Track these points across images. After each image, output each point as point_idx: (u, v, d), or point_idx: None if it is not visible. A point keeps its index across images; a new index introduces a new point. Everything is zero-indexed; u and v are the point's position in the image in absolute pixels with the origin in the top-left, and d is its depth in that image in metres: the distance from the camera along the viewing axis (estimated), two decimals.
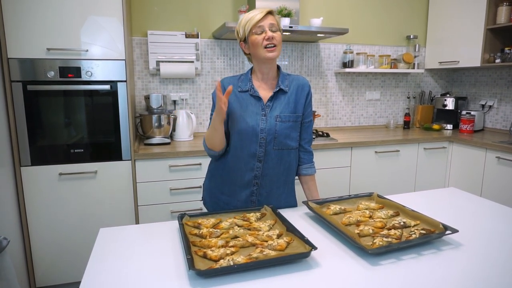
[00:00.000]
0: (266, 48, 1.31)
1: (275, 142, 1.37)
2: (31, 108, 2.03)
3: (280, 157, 1.40)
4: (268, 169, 1.40)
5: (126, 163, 2.22)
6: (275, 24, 1.32)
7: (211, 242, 1.03)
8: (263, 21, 1.30)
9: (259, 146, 1.37)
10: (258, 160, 1.38)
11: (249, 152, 1.37)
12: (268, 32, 1.30)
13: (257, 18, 1.29)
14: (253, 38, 1.31)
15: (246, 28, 1.31)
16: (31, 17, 1.95)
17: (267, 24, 1.30)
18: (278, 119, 1.37)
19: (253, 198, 1.43)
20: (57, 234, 2.17)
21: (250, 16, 1.31)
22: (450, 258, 0.99)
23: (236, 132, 1.37)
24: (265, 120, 1.36)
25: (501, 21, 2.81)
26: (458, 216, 1.31)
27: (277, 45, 1.31)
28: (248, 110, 1.37)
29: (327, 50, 3.20)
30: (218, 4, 2.86)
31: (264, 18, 1.30)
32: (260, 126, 1.35)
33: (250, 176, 1.40)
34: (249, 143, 1.36)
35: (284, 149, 1.40)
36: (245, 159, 1.38)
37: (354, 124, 3.43)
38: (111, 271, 0.93)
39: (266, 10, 1.31)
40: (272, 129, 1.36)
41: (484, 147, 2.65)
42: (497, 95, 3.24)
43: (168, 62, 2.68)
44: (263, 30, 1.30)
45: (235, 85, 1.40)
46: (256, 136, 1.36)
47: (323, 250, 1.03)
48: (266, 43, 1.30)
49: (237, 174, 1.41)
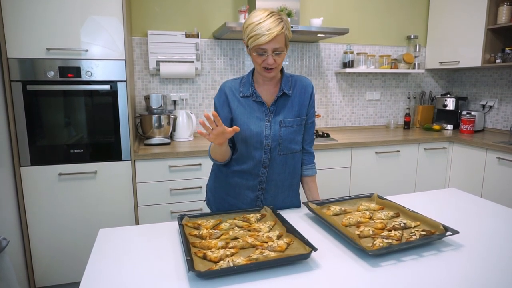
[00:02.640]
0: (264, 68, 1.27)
1: (280, 147, 1.36)
2: (31, 108, 2.03)
3: (285, 162, 1.39)
4: (273, 175, 1.39)
5: (126, 164, 2.22)
6: (280, 47, 1.23)
7: (211, 243, 1.03)
8: (267, 45, 1.21)
9: (264, 152, 1.35)
10: (263, 166, 1.37)
11: (254, 159, 1.36)
12: (269, 58, 1.23)
13: (260, 41, 1.19)
14: (254, 56, 1.27)
15: (250, 42, 1.23)
16: (31, 17, 1.95)
17: (271, 48, 1.22)
18: (282, 124, 1.35)
19: (258, 202, 1.42)
20: (57, 234, 2.16)
21: (257, 32, 1.19)
22: (451, 259, 0.99)
23: (241, 139, 1.36)
24: (269, 126, 1.34)
25: (501, 21, 2.81)
26: (459, 217, 1.31)
27: (276, 67, 1.27)
28: (252, 116, 1.34)
29: (327, 50, 3.20)
30: (218, 4, 2.85)
31: (270, 42, 1.20)
32: (265, 133, 1.33)
33: (255, 182, 1.39)
34: (254, 150, 1.34)
35: (289, 154, 1.39)
36: (250, 166, 1.37)
37: (354, 125, 3.43)
38: (111, 271, 0.93)
39: (274, 34, 1.19)
40: (276, 135, 1.34)
41: (484, 148, 2.65)
42: (498, 95, 3.24)
43: (168, 62, 2.68)
44: (265, 53, 1.23)
45: (236, 90, 1.37)
46: (260, 143, 1.34)
47: (323, 251, 1.03)
48: (265, 67, 1.26)
49: (242, 179, 1.40)
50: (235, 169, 1.40)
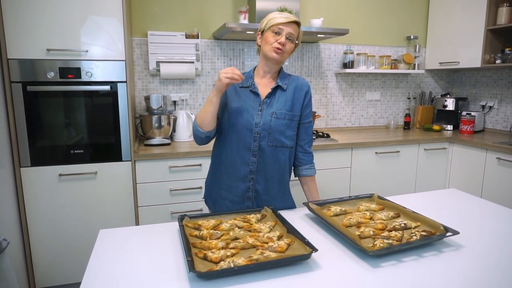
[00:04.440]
0: (274, 48, 1.34)
1: (269, 138, 1.40)
2: (31, 109, 2.03)
3: (275, 155, 1.42)
4: (263, 164, 1.42)
5: (126, 164, 2.22)
6: (294, 35, 1.36)
7: (211, 243, 1.03)
8: (285, 26, 1.33)
9: (254, 140, 1.39)
10: (253, 154, 1.40)
11: (244, 146, 1.40)
12: (282, 37, 1.33)
13: (281, 20, 1.33)
14: (268, 35, 1.36)
15: (269, 23, 1.35)
16: (31, 17, 1.95)
17: (286, 31, 1.34)
18: (273, 115, 1.39)
19: (250, 194, 1.44)
20: (57, 235, 2.16)
21: (278, 15, 1.35)
22: (451, 260, 0.99)
23: (232, 124, 1.40)
24: (260, 116, 1.39)
25: (501, 21, 2.81)
26: (459, 218, 1.31)
27: (284, 52, 1.36)
28: (246, 104, 1.40)
29: (327, 51, 3.20)
30: (218, 4, 2.85)
31: (288, 25, 1.34)
32: (255, 121, 1.38)
33: (246, 171, 1.42)
34: (243, 137, 1.39)
35: (279, 147, 1.42)
36: (241, 153, 1.41)
37: (354, 125, 3.43)
38: (111, 272, 0.93)
39: (293, 19, 1.35)
40: (266, 124, 1.39)
41: (484, 148, 2.65)
42: (497, 96, 3.24)
43: (168, 62, 2.68)
44: (280, 33, 1.34)
45: None
46: (250, 130, 1.38)
47: (324, 252, 1.03)
48: (276, 46, 1.34)
49: (234, 167, 1.43)
50: (227, 156, 1.43)
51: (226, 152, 1.44)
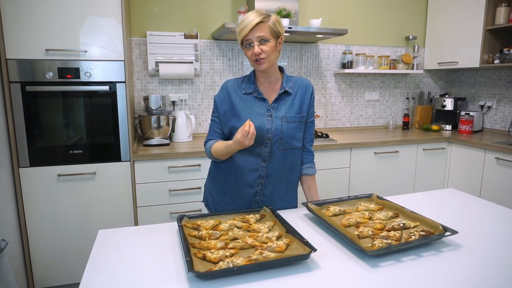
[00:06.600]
0: (255, 61, 1.31)
1: (281, 142, 1.38)
2: (30, 109, 2.02)
3: (284, 157, 1.41)
4: (272, 169, 1.40)
5: (125, 164, 2.21)
6: (265, 35, 1.28)
7: (210, 244, 1.03)
8: (250, 35, 1.27)
9: (265, 146, 1.38)
10: (263, 159, 1.39)
11: (255, 153, 1.38)
12: (255, 48, 1.28)
13: (244, 32, 1.27)
14: (244, 51, 1.34)
15: (239, 39, 1.32)
16: (30, 17, 1.95)
17: (254, 38, 1.28)
18: (284, 119, 1.38)
19: (257, 198, 1.43)
20: (56, 235, 2.16)
21: (241, 27, 1.28)
22: (450, 260, 0.99)
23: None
24: (271, 121, 1.37)
25: (500, 21, 2.82)
26: (458, 217, 1.31)
27: (265, 58, 1.30)
28: (254, 111, 1.37)
29: (326, 51, 3.21)
30: (217, 4, 2.85)
31: (253, 31, 1.27)
32: (266, 127, 1.36)
33: (254, 176, 1.40)
34: (255, 144, 1.34)
35: (289, 149, 1.41)
36: (250, 160, 1.39)
37: (353, 125, 3.43)
38: (110, 272, 0.93)
39: (254, 22, 1.26)
40: (278, 130, 1.37)
41: (483, 148, 2.66)
42: (496, 96, 3.24)
43: (167, 63, 2.68)
44: (251, 43, 1.29)
45: (239, 87, 1.41)
46: (262, 137, 1.36)
47: (323, 252, 1.03)
48: (254, 58, 1.31)
49: (241, 174, 1.41)
50: (235, 164, 1.41)
51: (234, 158, 1.41)
